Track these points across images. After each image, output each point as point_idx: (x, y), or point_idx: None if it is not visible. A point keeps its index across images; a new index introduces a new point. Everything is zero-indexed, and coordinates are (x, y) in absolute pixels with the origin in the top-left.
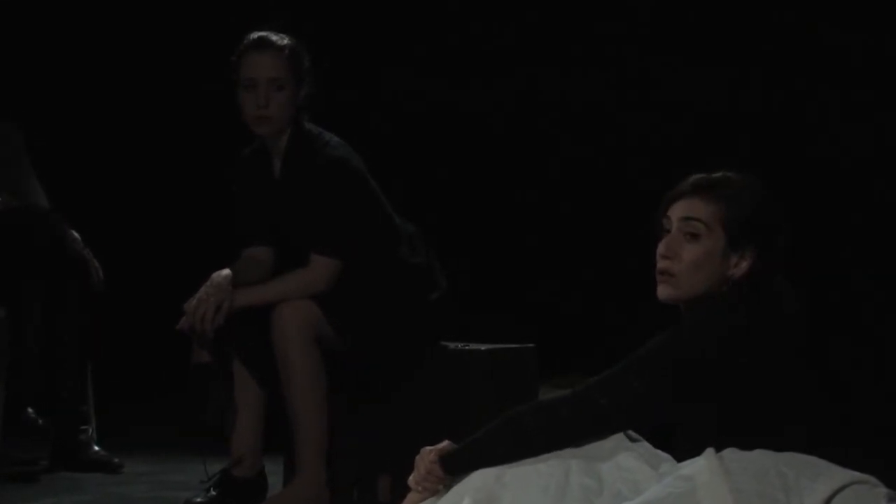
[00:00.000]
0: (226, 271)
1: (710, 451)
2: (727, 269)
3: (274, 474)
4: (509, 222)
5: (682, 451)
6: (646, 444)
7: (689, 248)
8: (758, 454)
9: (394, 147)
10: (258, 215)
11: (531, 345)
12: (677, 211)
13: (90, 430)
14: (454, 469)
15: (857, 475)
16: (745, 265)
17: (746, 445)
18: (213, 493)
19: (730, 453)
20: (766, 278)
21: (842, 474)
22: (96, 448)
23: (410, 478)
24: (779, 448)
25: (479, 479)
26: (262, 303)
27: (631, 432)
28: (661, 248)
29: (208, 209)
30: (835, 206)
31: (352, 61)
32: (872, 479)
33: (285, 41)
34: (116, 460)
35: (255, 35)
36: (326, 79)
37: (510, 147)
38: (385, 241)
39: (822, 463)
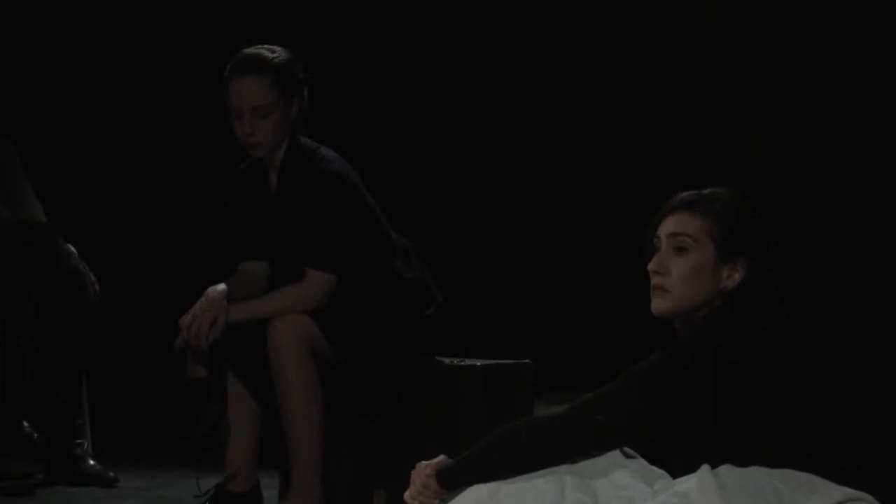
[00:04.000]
0: (221, 286)
1: (705, 468)
2: (720, 282)
3: (269, 489)
4: (507, 237)
5: (678, 467)
6: (641, 461)
7: (678, 262)
8: (753, 471)
9: (390, 161)
10: (254, 230)
11: (527, 360)
12: (666, 227)
13: (85, 444)
14: (450, 483)
15: (852, 492)
16: (737, 276)
17: (742, 461)
18: None
19: (725, 470)
20: (759, 288)
21: (837, 491)
22: (91, 462)
23: (406, 492)
24: (774, 463)
25: (474, 494)
26: (257, 317)
27: (626, 449)
28: (651, 264)
29: (204, 223)
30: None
31: (349, 68)
32: (868, 496)
33: (271, 61)
34: (111, 474)
35: (240, 56)
36: (323, 88)
37: (509, 160)
38: (380, 255)
39: (818, 480)
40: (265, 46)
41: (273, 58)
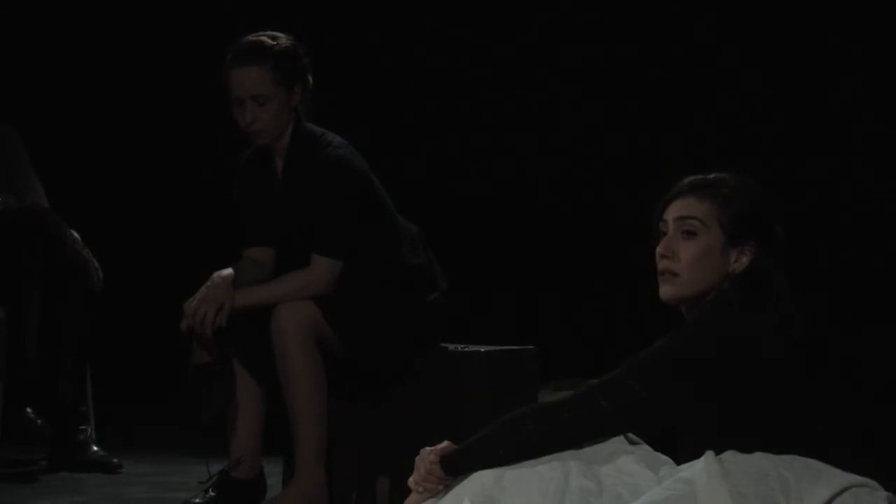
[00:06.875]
0: (227, 271)
1: (709, 454)
2: (728, 265)
3: (273, 476)
4: (511, 223)
5: (682, 453)
6: (645, 447)
7: (686, 246)
8: (758, 457)
9: (397, 148)
10: (260, 216)
11: (531, 347)
12: (673, 211)
13: (89, 430)
14: (454, 470)
15: (857, 479)
16: (745, 260)
17: (746, 447)
18: (212, 494)
19: (729, 456)
20: (767, 273)
21: (842, 478)
22: (95, 448)
23: (410, 479)
24: (779, 450)
25: (479, 480)
26: (262, 303)
27: (631, 435)
28: (659, 248)
29: (209, 209)
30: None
31: (357, 54)
32: (872, 482)
33: (270, 48)
34: (115, 460)
35: (239, 45)
36: (331, 74)
37: (513, 147)
38: (386, 241)
39: (823, 466)
40: (266, 33)
41: (272, 45)
